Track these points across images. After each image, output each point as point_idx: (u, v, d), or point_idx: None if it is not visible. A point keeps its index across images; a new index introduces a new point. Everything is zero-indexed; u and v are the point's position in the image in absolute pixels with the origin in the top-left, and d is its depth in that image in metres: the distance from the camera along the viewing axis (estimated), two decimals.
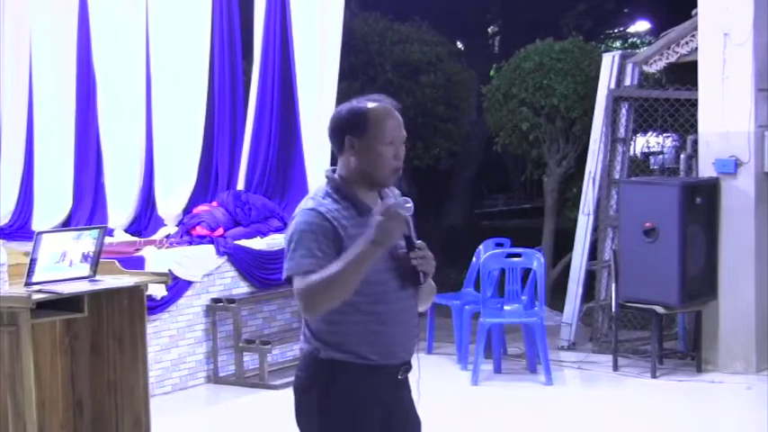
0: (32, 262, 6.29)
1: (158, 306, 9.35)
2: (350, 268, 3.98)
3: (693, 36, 10.50)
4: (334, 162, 4.32)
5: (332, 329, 4.15)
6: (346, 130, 4.18)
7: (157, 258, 9.52)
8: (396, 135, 4.20)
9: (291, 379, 8.93)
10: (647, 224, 9.74)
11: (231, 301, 9.94)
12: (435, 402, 9.33)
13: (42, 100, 12.46)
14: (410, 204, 4.18)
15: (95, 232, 6.62)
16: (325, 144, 11.62)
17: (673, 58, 10.86)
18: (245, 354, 9.99)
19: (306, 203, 4.17)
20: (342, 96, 12.32)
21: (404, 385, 4.39)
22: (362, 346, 4.17)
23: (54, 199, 12.24)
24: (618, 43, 24.95)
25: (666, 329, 10.77)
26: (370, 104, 4.22)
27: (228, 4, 11.81)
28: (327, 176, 4.25)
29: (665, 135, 11.89)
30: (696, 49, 10.35)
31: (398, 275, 4.24)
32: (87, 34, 12.09)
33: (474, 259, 11.02)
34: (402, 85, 15.41)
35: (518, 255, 10.20)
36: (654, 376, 9.87)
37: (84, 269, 6.54)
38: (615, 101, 11.28)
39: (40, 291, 6.19)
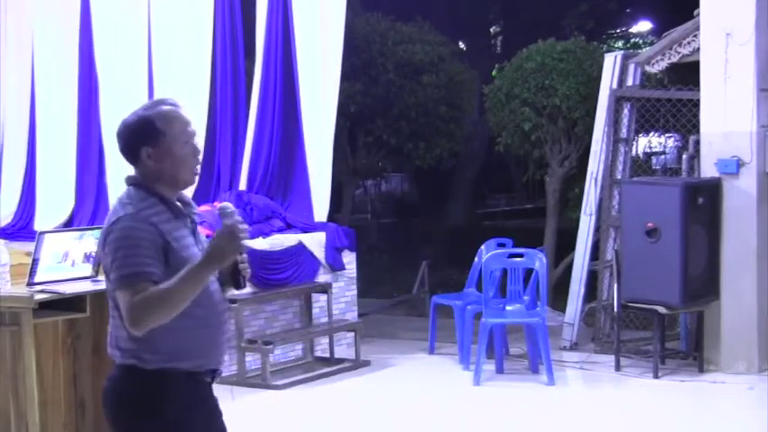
0: (35, 262, 6.29)
1: None
2: (186, 286, 3.90)
3: (695, 36, 10.49)
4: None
5: (161, 338, 4.00)
6: (140, 141, 4.12)
7: None
8: (189, 133, 4.19)
9: (294, 379, 8.90)
10: (650, 224, 9.74)
11: (233, 301, 9.91)
12: (437, 402, 9.37)
13: (44, 99, 12.46)
14: (231, 210, 4.11)
15: (98, 232, 6.59)
16: (328, 144, 11.69)
17: (675, 59, 10.85)
18: (246, 354, 9.99)
19: (124, 209, 4.05)
20: (344, 96, 12.36)
21: (212, 391, 4.31)
22: (190, 352, 4.10)
23: (56, 199, 12.24)
24: (620, 43, 24.99)
25: (668, 330, 10.76)
26: (155, 110, 4.18)
27: (230, 4, 11.83)
28: (134, 183, 4.16)
29: (667, 135, 11.89)
30: (698, 49, 10.34)
31: (219, 279, 4.25)
32: (89, 33, 12.09)
33: (476, 259, 11.01)
34: (404, 85, 15.43)
35: (520, 255, 10.20)
36: (656, 376, 9.86)
37: (87, 269, 6.54)
38: (617, 101, 11.28)
39: (42, 291, 6.19)
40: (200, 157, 4.26)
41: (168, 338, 4.01)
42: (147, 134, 4.11)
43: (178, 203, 4.21)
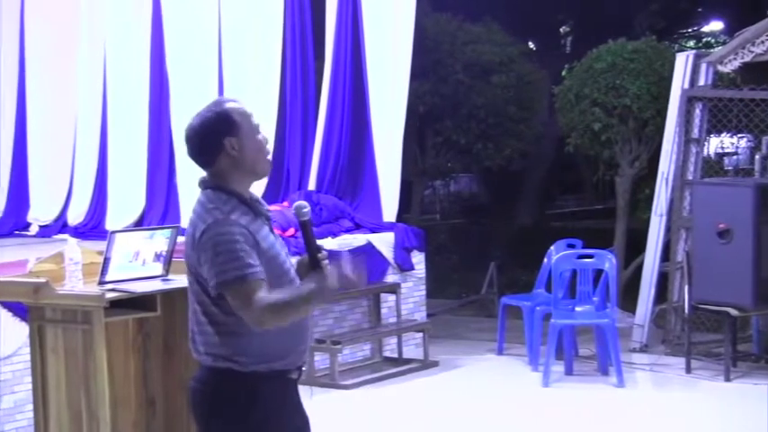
0: (106, 261, 6.33)
1: None
2: (305, 304, 4.11)
3: None
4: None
5: (255, 341, 4.09)
6: (222, 134, 4.17)
7: None
8: (257, 125, 4.29)
9: (363, 378, 8.90)
10: (721, 225, 9.64)
11: None
12: (506, 403, 9.34)
13: (116, 100, 12.58)
14: (308, 209, 4.22)
15: (168, 232, 6.65)
16: (397, 144, 11.68)
17: (748, 58, 10.72)
18: (315, 353, 10.01)
19: (212, 215, 4.08)
20: (413, 96, 12.35)
21: (296, 386, 4.38)
22: (281, 351, 4.17)
23: (127, 199, 12.36)
24: (692, 43, 24.73)
25: (740, 332, 10.65)
26: (226, 105, 4.28)
27: (300, 4, 11.87)
28: (211, 186, 4.20)
29: (739, 135, 11.76)
30: None
31: (299, 275, 4.27)
32: (161, 35, 12.21)
33: (545, 260, 10.96)
34: (473, 85, 15.39)
35: (590, 256, 10.15)
36: (727, 379, 9.76)
37: (157, 268, 6.57)
38: (689, 101, 11.18)
39: (113, 290, 6.23)
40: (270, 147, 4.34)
41: (261, 341, 4.08)
42: (228, 126, 4.19)
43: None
